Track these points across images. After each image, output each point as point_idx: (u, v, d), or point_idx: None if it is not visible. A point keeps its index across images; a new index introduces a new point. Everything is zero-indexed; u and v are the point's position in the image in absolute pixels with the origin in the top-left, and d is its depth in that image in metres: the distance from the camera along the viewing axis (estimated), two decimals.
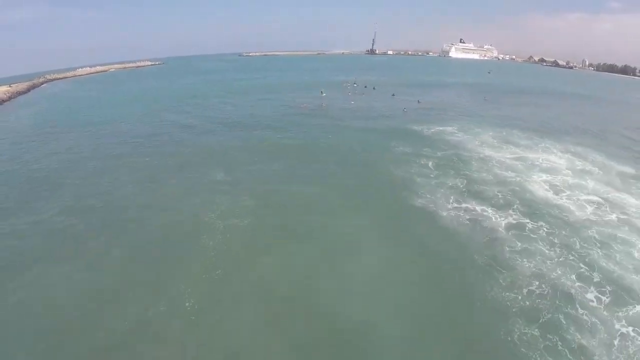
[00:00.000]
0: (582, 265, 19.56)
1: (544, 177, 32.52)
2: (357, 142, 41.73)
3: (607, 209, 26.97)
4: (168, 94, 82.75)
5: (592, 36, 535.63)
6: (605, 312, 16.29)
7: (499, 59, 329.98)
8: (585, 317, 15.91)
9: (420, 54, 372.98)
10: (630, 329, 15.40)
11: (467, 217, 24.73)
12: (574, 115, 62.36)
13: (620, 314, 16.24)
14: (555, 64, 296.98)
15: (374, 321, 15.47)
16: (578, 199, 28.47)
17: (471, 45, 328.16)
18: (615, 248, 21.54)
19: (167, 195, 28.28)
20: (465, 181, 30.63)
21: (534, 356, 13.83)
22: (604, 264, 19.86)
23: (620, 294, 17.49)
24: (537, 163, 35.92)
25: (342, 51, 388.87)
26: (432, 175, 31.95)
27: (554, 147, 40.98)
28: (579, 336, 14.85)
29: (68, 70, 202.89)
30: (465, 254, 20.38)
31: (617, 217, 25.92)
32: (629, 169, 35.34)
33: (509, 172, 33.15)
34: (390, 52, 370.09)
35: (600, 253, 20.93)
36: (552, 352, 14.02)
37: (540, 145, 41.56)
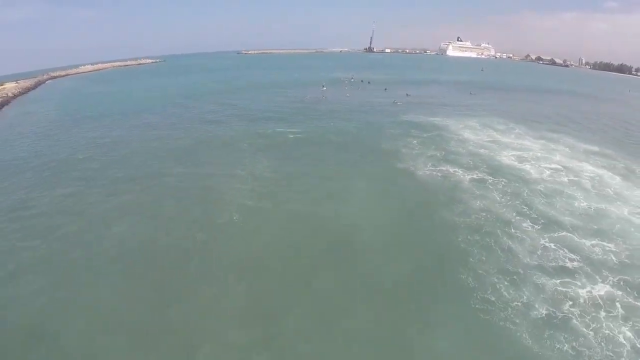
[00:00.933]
0: (524, 207, 24.94)
1: (514, 153, 37.33)
2: (352, 126, 47.10)
3: (563, 173, 32.03)
4: (176, 90, 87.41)
5: (588, 35, 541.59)
6: (534, 233, 21.68)
7: (496, 57, 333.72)
8: (517, 234, 21.36)
9: (417, 52, 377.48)
10: (552, 244, 20.68)
11: (439, 174, 30.38)
12: (559, 109, 66.18)
13: (546, 235, 21.57)
14: (552, 62, 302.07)
15: (362, 227, 22.14)
16: (539, 166, 33.53)
17: (468, 44, 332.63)
18: (558, 199, 26.73)
19: (205, 165, 33.64)
20: (443, 153, 35.99)
21: (472, 250, 19.36)
22: (543, 207, 25.14)
23: (551, 225, 22.76)
24: (510, 143, 40.59)
25: (340, 49, 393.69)
26: (415, 149, 37.31)
27: (530, 133, 45.01)
28: (510, 242, 20.35)
29: (70, 67, 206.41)
30: (432, 195, 26.46)
31: (569, 179, 30.91)
32: (596, 148, 39.76)
33: (483, 149, 37.99)
34: (387, 51, 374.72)
35: (544, 201, 26.21)
36: (487, 249, 19.65)
37: (515, 131, 45.84)
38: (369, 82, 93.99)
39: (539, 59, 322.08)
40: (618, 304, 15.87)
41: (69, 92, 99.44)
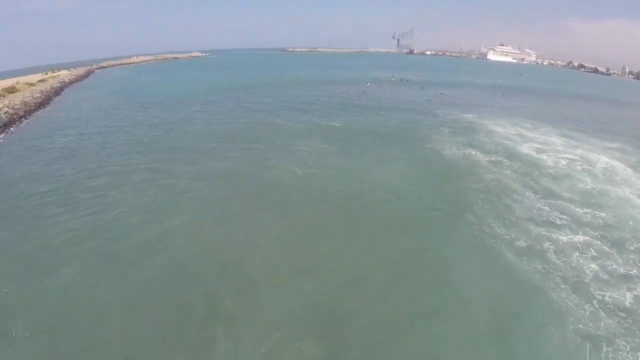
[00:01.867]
0: (531, 182, 28.82)
1: (535, 145, 40.58)
2: (389, 117, 52.17)
3: (578, 163, 34.96)
4: (228, 82, 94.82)
5: (635, 44, 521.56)
6: (533, 199, 25.65)
7: (537, 63, 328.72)
8: (518, 198, 25.48)
9: (458, 55, 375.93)
10: (547, 207, 24.60)
11: (462, 154, 34.82)
12: (590, 113, 67.62)
13: (543, 201, 25.49)
14: (595, 70, 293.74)
15: (395, 181, 28.11)
16: (557, 157, 36.61)
17: (510, 49, 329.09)
18: (565, 180, 30.16)
19: (268, 143, 39.24)
20: (469, 140, 40.06)
21: (478, 202, 24.20)
22: (549, 184, 28.84)
23: (551, 196, 26.57)
24: (534, 138, 43.71)
25: (383, 50, 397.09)
26: (445, 137, 41.62)
27: (555, 131, 47.44)
28: (510, 202, 24.62)
29: (120, 58, 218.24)
30: (452, 167, 31.46)
31: (582, 167, 33.91)
32: (617, 145, 42.37)
33: (506, 141, 41.52)
34: (428, 53, 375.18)
35: (551, 180, 29.84)
36: (489, 203, 24.29)
37: (542, 129, 48.49)
38: (407, 81, 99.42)
39: (581, 66, 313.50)
40: (592, 249, 19.75)
41: (124, 80, 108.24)
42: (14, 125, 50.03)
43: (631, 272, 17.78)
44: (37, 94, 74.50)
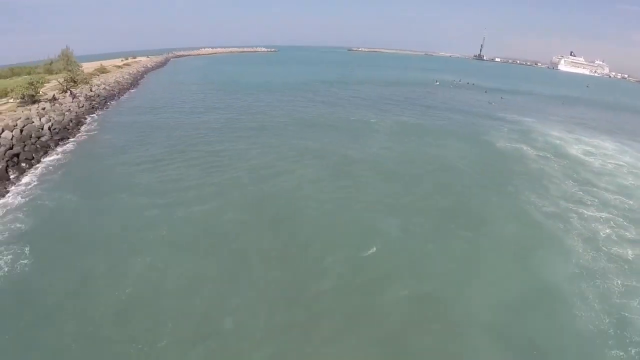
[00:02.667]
0: (573, 174, 32.85)
1: (586, 148, 43.59)
2: (453, 114, 57.57)
3: (625, 166, 37.60)
4: (298, 76, 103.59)
5: None
6: (570, 185, 29.92)
7: (610, 76, 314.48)
8: (556, 182, 30.05)
9: (528, 64, 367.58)
10: (581, 192, 28.68)
11: (513, 147, 39.45)
12: None
13: (579, 187, 29.60)
14: None
15: (454, 160, 34.46)
16: (604, 160, 39.59)
17: (581, 60, 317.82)
18: (606, 177, 33.20)
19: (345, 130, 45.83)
20: (522, 138, 44.27)
21: (518, 180, 29.45)
22: (588, 177, 32.62)
23: (588, 185, 30.44)
24: (586, 141, 46.59)
25: (450, 54, 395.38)
26: (499, 133, 46.16)
27: (609, 139, 49.32)
28: (547, 184, 29.43)
29: (191, 49, 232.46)
30: (502, 156, 36.65)
31: (628, 170, 36.51)
32: None
33: (558, 141, 45.20)
34: (497, 59, 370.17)
35: (591, 175, 33.29)
36: (528, 182, 29.34)
37: (595, 135, 50.87)
38: (473, 84, 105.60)
39: None
40: (611, 222, 24.05)
41: (202, 69, 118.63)
42: (113, 101, 58.97)
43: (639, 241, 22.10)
44: (127, 76, 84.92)
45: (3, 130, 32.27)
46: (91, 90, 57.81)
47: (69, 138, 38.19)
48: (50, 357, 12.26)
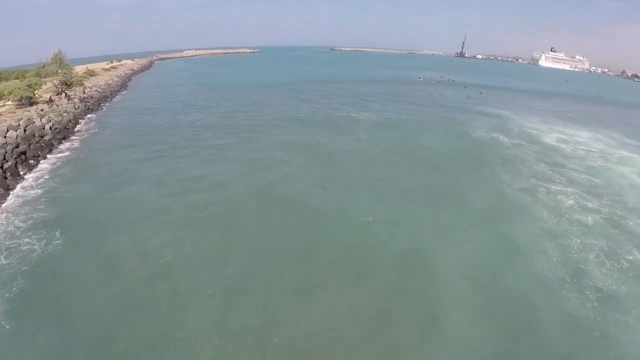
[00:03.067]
0: (545, 157, 36.08)
1: (560, 136, 46.75)
2: (432, 107, 60.71)
3: (596, 153, 40.44)
4: (281, 76, 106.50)
5: None
6: (541, 167, 33.08)
7: (590, 71, 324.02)
8: (528, 165, 33.20)
9: (510, 60, 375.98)
10: (550, 171, 31.86)
11: (489, 136, 42.56)
12: (622, 118, 71.46)
13: (548, 167, 32.79)
14: None
15: (434, 145, 37.93)
16: (576, 147, 42.68)
17: (562, 55, 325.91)
18: (576, 160, 36.59)
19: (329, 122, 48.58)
20: (499, 128, 47.41)
21: (494, 160, 32.87)
22: (559, 160, 35.79)
23: (558, 167, 33.47)
24: (560, 130, 49.83)
25: (432, 52, 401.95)
26: (476, 124, 49.26)
27: (582, 128, 52.64)
28: (521, 167, 32.48)
29: (174, 52, 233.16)
30: (478, 143, 39.67)
31: (598, 155, 39.46)
32: (634, 142, 47.12)
33: (533, 131, 48.35)
34: (479, 56, 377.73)
35: (562, 159, 36.48)
36: (503, 163, 32.46)
37: (569, 125, 54.49)
38: (453, 81, 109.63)
39: (635, 76, 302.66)
40: (575, 195, 27.15)
41: (188, 70, 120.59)
42: (106, 102, 60.77)
43: (600, 209, 25.14)
44: (116, 78, 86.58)
45: (8, 130, 34.16)
46: (84, 93, 59.59)
47: (70, 137, 40.15)
48: (86, 317, 14.59)
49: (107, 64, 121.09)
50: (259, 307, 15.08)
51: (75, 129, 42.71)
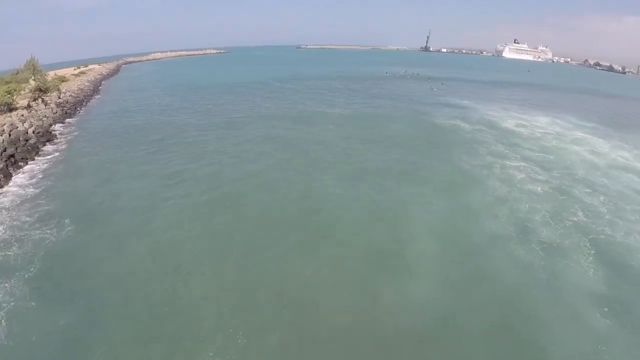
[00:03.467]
0: (503, 139, 40.08)
1: (518, 122, 50.86)
2: (396, 100, 64.48)
3: (551, 135, 44.41)
4: (249, 76, 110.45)
5: None
6: (498, 147, 36.93)
7: (553, 61, 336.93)
8: (486, 145, 37.08)
9: (474, 53, 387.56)
10: (507, 150, 35.62)
11: (450, 123, 46.57)
12: (579, 103, 76.60)
13: (505, 147, 36.66)
14: (610, 68, 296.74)
15: (398, 132, 41.35)
16: (533, 130, 46.66)
17: (525, 46, 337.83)
18: (532, 141, 40.55)
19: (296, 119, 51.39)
20: (460, 116, 51.37)
21: (455, 143, 35.73)
22: (515, 141, 39.74)
23: (514, 146, 37.42)
24: (518, 117, 54.06)
25: (397, 47, 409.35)
26: (438, 113, 53.31)
27: (541, 114, 57.01)
28: (479, 147, 36.15)
29: (140, 55, 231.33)
30: (440, 129, 43.72)
31: (553, 137, 43.46)
32: (592, 124, 51.59)
33: (492, 117, 52.26)
34: (444, 50, 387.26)
35: (519, 140, 40.59)
36: (461, 146, 35.60)
37: (528, 111, 58.82)
38: (418, 74, 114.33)
39: (597, 64, 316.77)
40: (527, 169, 30.91)
41: (158, 73, 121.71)
42: (81, 107, 61.92)
43: (550, 181, 28.88)
44: (87, 83, 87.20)
45: None
46: (59, 98, 60.68)
47: (53, 140, 41.65)
48: (101, 287, 17.06)
49: (75, 69, 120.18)
50: (255, 262, 18.01)
51: (57, 132, 44.00)
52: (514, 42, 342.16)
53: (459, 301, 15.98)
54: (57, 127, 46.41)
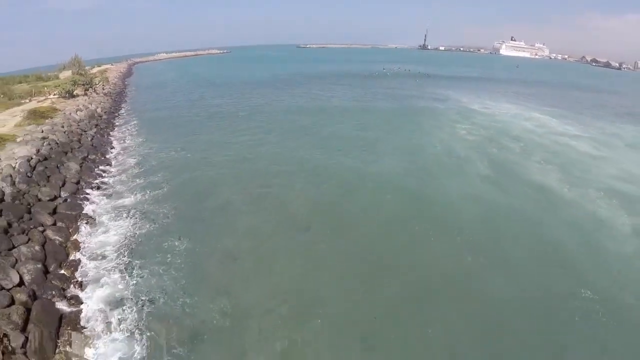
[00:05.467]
0: (465, 113, 54.42)
1: (485, 105, 64.74)
2: (389, 89, 79.35)
3: (509, 114, 58.24)
4: (262, 73, 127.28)
5: None
6: (459, 118, 51.23)
7: (550, 58, 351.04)
8: (450, 117, 51.31)
9: (471, 50, 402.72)
10: (465, 120, 49.99)
11: (426, 105, 61.10)
12: (555, 94, 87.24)
13: (463, 117, 50.99)
14: (607, 64, 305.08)
15: (383, 107, 55.13)
16: (495, 110, 60.37)
17: (522, 44, 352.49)
18: (489, 116, 54.83)
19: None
20: (437, 100, 65.83)
21: (426, 112, 50.43)
22: (476, 115, 53.91)
23: (473, 117, 51.72)
24: (487, 103, 67.47)
25: (395, 46, 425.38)
26: (419, 99, 68.04)
27: (510, 101, 70.17)
28: (442, 117, 50.45)
29: (147, 55, 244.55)
30: (418, 109, 57.75)
31: (509, 115, 57.72)
32: (549, 109, 64.23)
33: (464, 102, 66.06)
34: (441, 48, 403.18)
35: (479, 115, 54.73)
36: (432, 117, 50.12)
37: (498, 99, 72.25)
38: (409, 70, 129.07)
39: (594, 61, 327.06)
40: (474, 128, 45.17)
41: (171, 71, 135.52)
42: (125, 97, 75.98)
43: (485, 135, 43.04)
44: (116, 79, 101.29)
45: (77, 111, 49.82)
46: (103, 89, 75.09)
47: (119, 117, 55.86)
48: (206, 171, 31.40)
49: (90, 68, 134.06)
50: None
51: (119, 113, 58.25)
52: (511, 40, 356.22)
53: (402, 166, 31.55)
54: (117, 109, 60.54)
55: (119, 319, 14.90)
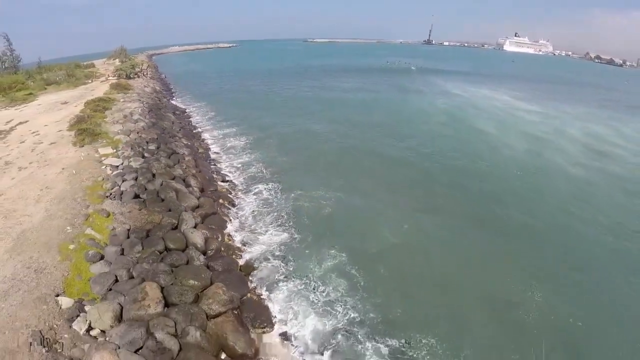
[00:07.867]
0: (445, 93, 71.92)
1: (465, 90, 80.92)
2: (385, 79, 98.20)
3: (479, 95, 76.03)
4: (271, 65, 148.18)
5: None
6: (438, 96, 68.61)
7: (554, 54, 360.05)
8: (432, 94, 68.71)
9: (475, 46, 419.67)
10: (444, 97, 67.30)
11: (415, 88, 79.13)
12: (542, 87, 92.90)
13: (442, 92, 68.42)
14: (610, 61, 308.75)
15: (380, 90, 74.29)
16: (471, 95, 76.66)
17: (526, 40, 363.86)
18: (466, 98, 72.32)
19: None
20: (426, 87, 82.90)
21: (411, 90, 67.71)
22: (454, 96, 71.43)
23: (452, 97, 69.12)
24: (468, 89, 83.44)
25: (400, 41, 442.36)
26: (412, 83, 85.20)
27: (488, 89, 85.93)
28: (423, 94, 67.93)
29: (162, 47, 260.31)
30: (411, 91, 75.67)
31: (481, 95, 75.23)
32: (522, 94, 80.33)
33: (449, 88, 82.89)
34: (446, 43, 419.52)
35: (457, 97, 72.21)
36: (420, 96, 67.75)
37: (480, 88, 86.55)
38: (407, 63, 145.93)
39: (597, 57, 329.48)
40: (445, 102, 62.49)
41: (193, 62, 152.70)
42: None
43: (454, 104, 60.51)
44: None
45: (144, 88, 67.10)
46: (147, 74, 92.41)
47: (176, 98, 73.15)
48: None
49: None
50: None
51: (172, 92, 75.60)
52: (515, 36, 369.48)
53: (387, 117, 48.33)
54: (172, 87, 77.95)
55: None
